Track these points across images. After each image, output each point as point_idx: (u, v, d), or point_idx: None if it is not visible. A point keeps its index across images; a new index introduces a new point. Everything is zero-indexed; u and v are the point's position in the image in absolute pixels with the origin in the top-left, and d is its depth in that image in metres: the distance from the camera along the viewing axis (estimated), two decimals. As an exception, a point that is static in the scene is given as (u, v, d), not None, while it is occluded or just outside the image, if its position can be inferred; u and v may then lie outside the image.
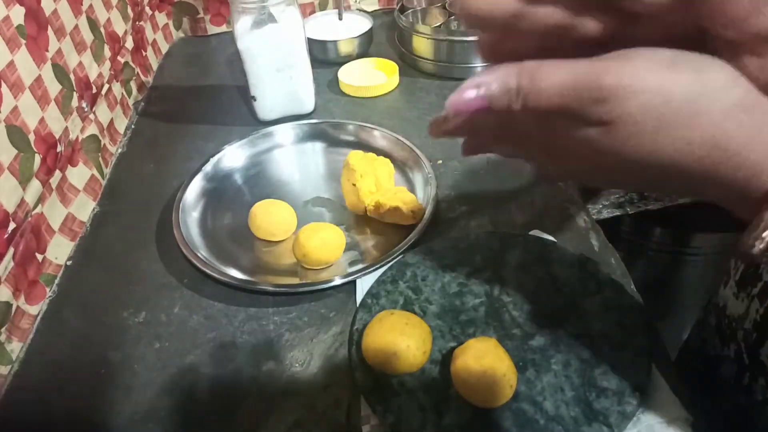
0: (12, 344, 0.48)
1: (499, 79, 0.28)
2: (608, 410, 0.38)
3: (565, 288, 0.47)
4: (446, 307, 0.47)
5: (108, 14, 0.69)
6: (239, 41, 0.64)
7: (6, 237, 0.47)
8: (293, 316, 0.49)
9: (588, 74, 0.26)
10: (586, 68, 0.26)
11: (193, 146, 0.70)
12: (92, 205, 0.62)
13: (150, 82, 0.83)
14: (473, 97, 0.28)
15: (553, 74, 0.27)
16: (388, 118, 0.71)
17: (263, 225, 0.55)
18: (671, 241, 0.94)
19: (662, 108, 0.25)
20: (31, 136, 0.50)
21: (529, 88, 0.27)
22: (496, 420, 0.39)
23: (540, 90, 0.27)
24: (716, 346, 0.49)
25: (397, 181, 0.61)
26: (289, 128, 0.69)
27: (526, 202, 0.57)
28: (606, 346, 0.42)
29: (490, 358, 0.39)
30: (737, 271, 0.47)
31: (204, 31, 0.94)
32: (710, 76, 0.26)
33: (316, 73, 0.71)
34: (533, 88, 0.27)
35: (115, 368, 0.46)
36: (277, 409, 0.42)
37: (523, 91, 0.27)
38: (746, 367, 0.45)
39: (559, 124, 0.28)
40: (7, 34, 0.48)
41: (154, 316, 0.50)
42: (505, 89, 0.27)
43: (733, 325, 0.47)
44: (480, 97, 0.28)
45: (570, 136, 0.28)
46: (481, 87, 0.28)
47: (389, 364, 0.41)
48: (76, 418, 0.44)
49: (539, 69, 0.27)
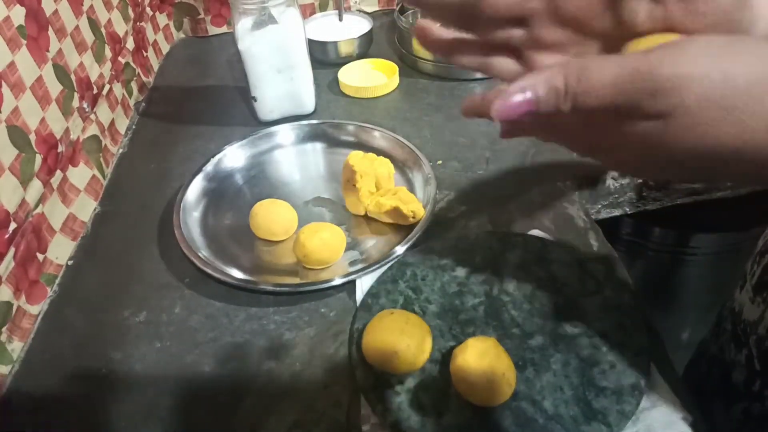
0: (13, 344, 0.48)
1: (546, 81, 0.27)
2: (607, 409, 0.38)
3: (564, 288, 0.47)
4: (446, 306, 0.47)
5: (109, 15, 0.70)
6: (240, 42, 0.64)
7: (7, 237, 0.47)
8: (293, 315, 0.49)
9: (641, 67, 0.25)
10: (638, 61, 0.25)
11: (194, 146, 0.70)
12: (93, 205, 0.62)
13: (151, 83, 0.83)
14: (520, 101, 0.27)
15: (602, 71, 0.26)
16: (388, 119, 0.71)
17: (264, 224, 0.55)
18: (671, 241, 0.94)
19: (727, 94, 0.24)
20: (32, 136, 0.51)
21: (578, 88, 0.26)
22: (496, 419, 0.39)
23: (590, 89, 0.26)
24: (732, 352, 0.49)
25: (397, 181, 0.61)
26: (289, 129, 0.69)
27: (526, 202, 0.57)
28: (606, 345, 0.42)
29: (489, 357, 0.39)
30: (753, 276, 0.47)
31: (205, 32, 0.95)
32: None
33: (317, 73, 0.71)
34: (582, 87, 0.26)
35: (116, 368, 0.47)
36: (277, 409, 0.43)
37: (571, 92, 0.26)
38: (757, 374, 0.44)
39: (610, 121, 0.27)
40: (8, 34, 0.48)
41: (155, 316, 0.50)
42: (553, 91, 0.27)
43: (748, 330, 0.46)
44: (527, 101, 0.27)
45: (621, 132, 0.27)
46: (527, 91, 0.27)
47: (389, 363, 0.41)
48: (77, 417, 0.44)
49: (587, 67, 0.26)
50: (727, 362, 0.50)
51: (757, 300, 0.45)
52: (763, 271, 0.46)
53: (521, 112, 0.27)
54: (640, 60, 0.25)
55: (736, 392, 0.47)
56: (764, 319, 0.44)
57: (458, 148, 0.65)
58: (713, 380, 0.52)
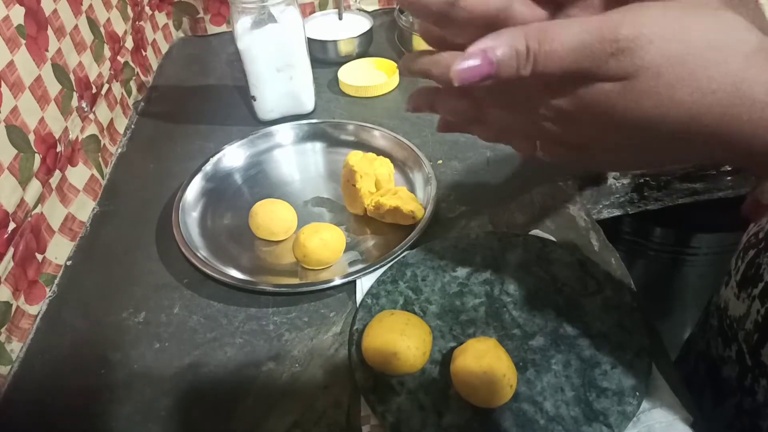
0: (12, 344, 0.48)
1: (505, 43, 0.26)
2: (608, 410, 0.38)
3: (565, 288, 0.47)
4: (446, 307, 0.47)
5: (108, 14, 0.69)
6: (239, 41, 0.64)
7: (6, 237, 0.47)
8: (293, 316, 0.49)
9: (602, 28, 0.24)
10: (599, 23, 0.25)
11: (193, 146, 0.70)
12: (92, 205, 0.62)
13: (150, 82, 0.83)
14: (478, 64, 0.26)
15: (563, 33, 0.25)
16: (388, 118, 0.71)
17: (264, 223, 0.55)
18: (671, 241, 0.94)
19: (684, 56, 0.24)
20: (30, 136, 0.50)
21: (540, 51, 0.25)
22: (496, 420, 0.39)
23: (551, 51, 0.25)
24: (719, 348, 0.49)
25: (397, 181, 0.61)
26: (288, 128, 0.69)
27: (526, 202, 0.57)
28: (606, 346, 0.42)
29: (489, 358, 0.39)
30: (738, 272, 0.47)
31: (204, 31, 0.94)
32: (729, 21, 0.24)
33: (316, 73, 0.71)
34: (543, 49, 0.25)
35: (115, 368, 0.46)
36: (276, 409, 0.42)
37: (532, 55, 0.25)
38: (748, 369, 0.45)
39: (569, 86, 0.26)
40: (7, 33, 0.48)
41: (154, 316, 0.50)
42: (513, 53, 0.25)
43: (735, 326, 0.47)
44: (488, 63, 0.26)
45: (581, 97, 0.26)
46: (486, 53, 0.26)
47: (389, 364, 0.41)
48: (76, 418, 0.44)
49: (548, 29, 0.25)
50: (714, 358, 0.50)
51: (742, 296, 0.46)
52: (747, 266, 0.46)
53: (481, 74, 0.26)
54: (600, 22, 0.25)
55: (728, 387, 0.47)
56: (750, 314, 0.44)
57: (459, 148, 0.65)
58: (701, 375, 0.52)
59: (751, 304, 0.44)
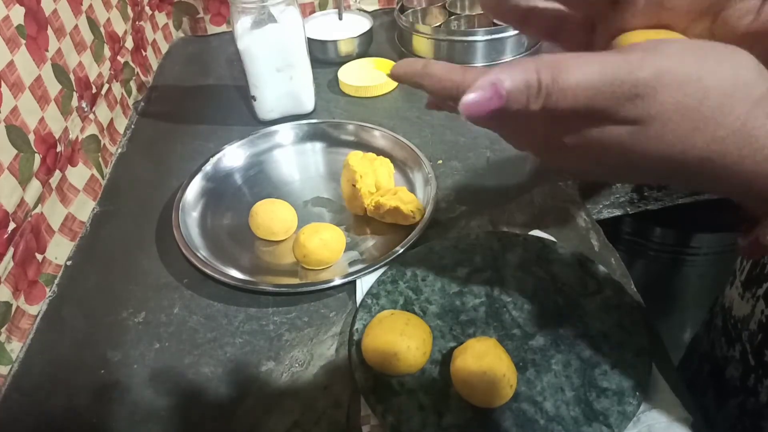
0: (12, 344, 0.48)
1: (517, 75, 0.24)
2: (608, 410, 0.38)
3: (564, 288, 0.47)
4: (446, 307, 0.47)
5: (108, 14, 0.69)
6: (239, 41, 0.64)
7: (6, 237, 0.47)
8: (293, 316, 0.49)
9: (621, 70, 0.24)
10: (618, 63, 0.24)
11: (193, 146, 0.70)
12: (92, 205, 0.62)
13: (150, 82, 0.83)
14: (489, 97, 0.25)
15: (578, 69, 0.24)
16: (388, 118, 0.71)
17: (264, 223, 0.55)
18: (671, 241, 0.94)
19: (698, 105, 0.24)
20: (30, 136, 0.50)
21: (553, 87, 0.24)
22: (496, 420, 0.39)
23: (565, 88, 0.24)
24: (722, 348, 0.49)
25: (397, 181, 0.61)
26: (288, 128, 0.69)
27: (526, 202, 0.57)
28: (606, 346, 0.42)
29: (489, 358, 0.39)
30: (743, 272, 0.47)
31: (204, 31, 0.94)
32: (742, 63, 0.24)
33: (316, 73, 0.71)
34: (558, 87, 0.24)
35: (115, 368, 0.46)
36: (276, 409, 0.42)
37: (545, 89, 0.24)
38: (752, 369, 0.45)
39: (580, 123, 0.26)
40: (7, 34, 0.48)
41: (154, 316, 0.50)
42: (525, 88, 0.24)
43: (738, 326, 0.47)
44: (497, 96, 0.25)
45: (591, 136, 0.26)
46: (496, 85, 0.25)
47: (389, 364, 0.41)
48: (76, 418, 0.44)
49: (562, 64, 0.24)
50: (718, 358, 0.50)
51: (747, 296, 0.46)
52: (752, 266, 0.46)
53: (490, 108, 0.25)
54: (619, 61, 0.24)
55: (731, 388, 0.47)
56: (755, 314, 0.44)
57: (459, 148, 0.65)
58: (705, 376, 0.52)
59: (755, 305, 0.44)
